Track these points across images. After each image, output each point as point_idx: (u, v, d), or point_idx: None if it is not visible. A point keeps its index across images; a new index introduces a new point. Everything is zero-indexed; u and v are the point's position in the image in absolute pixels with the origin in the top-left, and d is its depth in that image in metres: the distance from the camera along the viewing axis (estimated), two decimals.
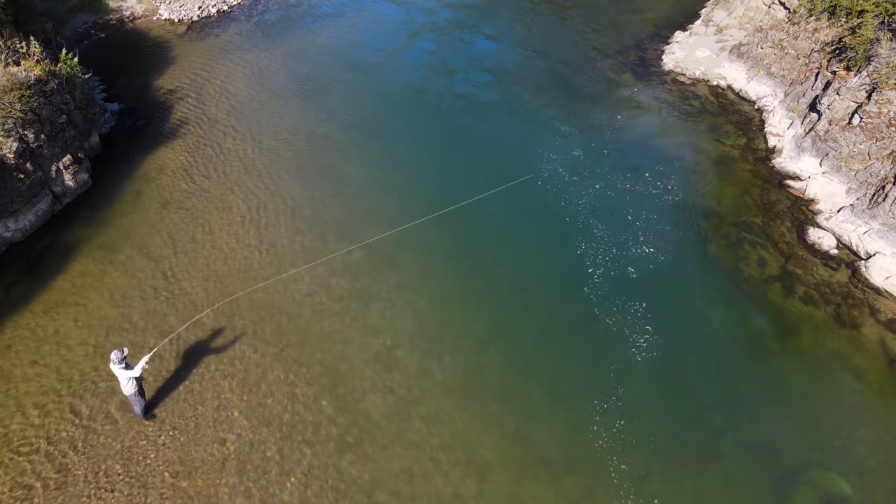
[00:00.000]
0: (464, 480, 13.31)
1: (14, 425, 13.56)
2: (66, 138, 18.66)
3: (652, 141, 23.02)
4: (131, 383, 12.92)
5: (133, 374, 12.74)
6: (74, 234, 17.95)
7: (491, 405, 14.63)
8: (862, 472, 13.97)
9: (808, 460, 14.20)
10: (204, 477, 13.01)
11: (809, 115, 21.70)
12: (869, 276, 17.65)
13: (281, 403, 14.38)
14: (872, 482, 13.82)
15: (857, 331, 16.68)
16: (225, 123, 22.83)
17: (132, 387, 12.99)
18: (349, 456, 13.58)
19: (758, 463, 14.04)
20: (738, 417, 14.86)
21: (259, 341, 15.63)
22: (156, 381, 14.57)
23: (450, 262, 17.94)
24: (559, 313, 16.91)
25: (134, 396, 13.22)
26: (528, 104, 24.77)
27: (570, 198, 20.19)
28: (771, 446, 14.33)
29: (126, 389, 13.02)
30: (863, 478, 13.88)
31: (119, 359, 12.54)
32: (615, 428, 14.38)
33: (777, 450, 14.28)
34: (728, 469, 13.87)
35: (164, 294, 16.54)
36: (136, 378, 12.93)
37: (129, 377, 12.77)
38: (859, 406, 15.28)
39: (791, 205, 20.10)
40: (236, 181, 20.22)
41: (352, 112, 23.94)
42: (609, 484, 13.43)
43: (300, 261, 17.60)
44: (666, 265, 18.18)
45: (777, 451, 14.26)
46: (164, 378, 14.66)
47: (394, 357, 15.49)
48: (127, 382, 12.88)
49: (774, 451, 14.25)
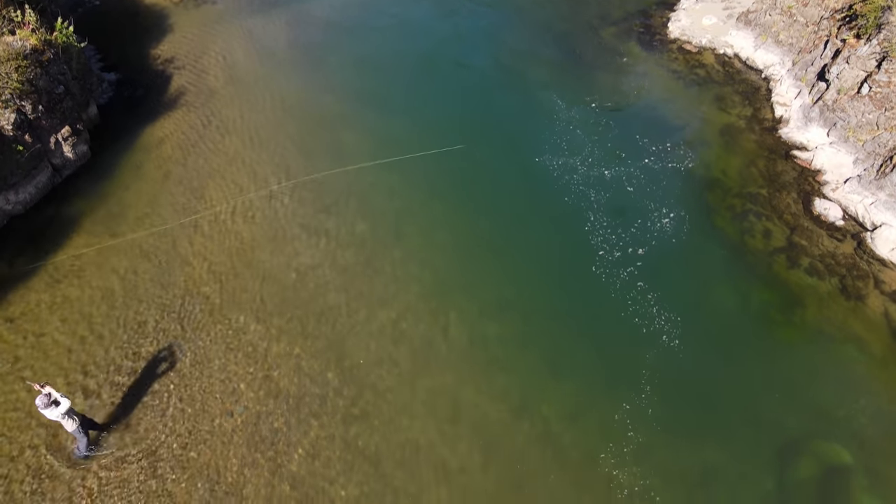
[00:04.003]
0: (469, 453, 13.44)
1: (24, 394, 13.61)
2: (64, 109, 18.40)
3: (656, 111, 22.73)
4: (68, 420, 11.99)
5: (63, 410, 11.72)
6: (76, 207, 17.82)
7: (496, 378, 14.70)
8: (863, 443, 14.11)
9: (811, 431, 14.34)
10: (213, 448, 13.12)
11: (817, 85, 21.40)
12: (875, 247, 17.59)
13: (287, 376, 14.44)
14: (874, 452, 13.96)
15: (862, 302, 16.69)
16: (224, 94, 22.50)
17: (72, 424, 12.09)
18: (355, 428, 13.69)
19: (760, 434, 14.16)
20: (741, 389, 14.95)
21: (264, 314, 15.64)
22: (160, 354, 14.60)
23: (453, 235, 17.84)
24: (563, 286, 16.89)
25: (77, 432, 12.33)
26: (530, 72, 24.38)
27: (572, 169, 20.01)
28: (773, 418, 14.44)
29: (68, 427, 12.12)
30: (864, 448, 14.02)
31: (45, 403, 11.52)
32: (619, 400, 14.47)
33: (779, 421, 14.40)
34: (731, 440, 14.00)
35: (166, 267, 16.48)
36: (70, 413, 11.97)
37: (61, 413, 11.75)
38: (862, 377, 15.36)
39: (797, 176, 19.93)
40: (237, 153, 20.01)
41: (354, 81, 23.56)
42: (614, 453, 13.56)
43: (304, 232, 17.52)
44: (670, 237, 18.10)
45: (779, 423, 14.38)
46: (169, 350, 14.69)
47: (399, 329, 15.50)
48: (64, 420, 11.94)
49: (777, 423, 14.37)
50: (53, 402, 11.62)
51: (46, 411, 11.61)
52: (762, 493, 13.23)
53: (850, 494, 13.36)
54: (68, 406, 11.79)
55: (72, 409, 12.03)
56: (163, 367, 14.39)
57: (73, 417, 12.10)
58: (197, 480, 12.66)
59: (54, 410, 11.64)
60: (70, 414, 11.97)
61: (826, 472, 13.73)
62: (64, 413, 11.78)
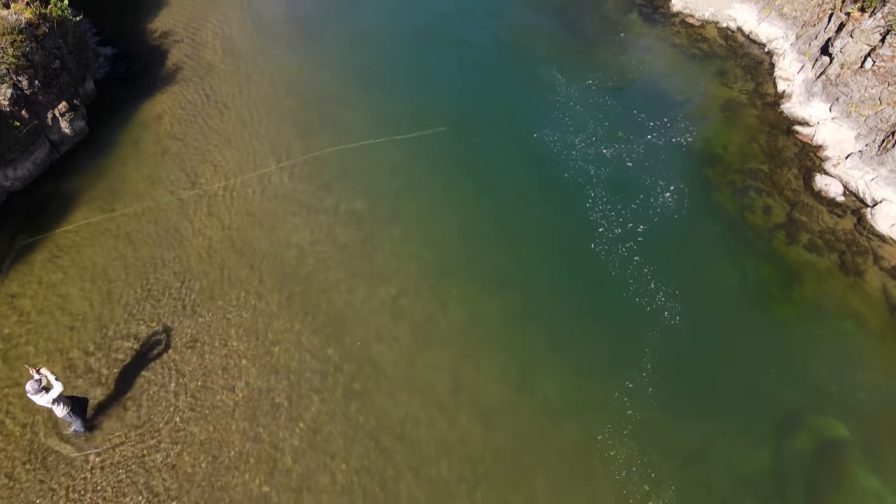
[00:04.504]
0: (468, 426, 13.58)
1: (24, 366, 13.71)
2: (60, 84, 18.21)
3: (658, 86, 22.54)
4: (59, 405, 11.95)
5: (54, 395, 11.65)
6: (74, 184, 17.74)
7: (496, 353, 14.79)
8: (860, 417, 14.28)
9: (808, 405, 14.50)
10: (215, 423, 13.26)
11: (821, 59, 21.19)
12: (874, 223, 17.58)
13: (288, 352, 14.52)
14: (870, 426, 14.14)
15: (860, 278, 16.74)
16: (222, 68, 22.26)
17: (62, 409, 12.04)
18: (356, 403, 13.82)
19: (758, 408, 14.32)
20: (739, 364, 15.08)
21: (264, 290, 15.67)
22: (161, 331, 14.67)
23: (453, 211, 17.80)
24: (562, 263, 16.91)
25: (69, 416, 12.29)
26: (531, 47, 24.11)
27: (572, 145, 19.91)
28: (771, 392, 14.59)
29: (58, 412, 12.07)
30: (860, 422, 14.19)
31: (35, 388, 11.43)
32: (618, 375, 14.60)
33: (777, 395, 14.55)
34: (729, 414, 14.16)
35: (166, 244, 16.47)
36: (62, 397, 11.92)
37: (52, 399, 11.68)
38: (859, 352, 15.49)
39: (798, 151, 19.84)
40: (235, 129, 19.86)
41: (353, 55, 23.29)
42: (611, 429, 13.72)
43: (303, 209, 17.49)
44: (670, 213, 18.07)
45: (777, 397, 14.53)
46: (171, 326, 14.76)
47: (399, 306, 15.56)
48: (54, 405, 11.88)
49: (774, 397, 14.52)
50: (44, 387, 11.51)
51: (36, 397, 11.53)
52: (759, 467, 13.41)
53: (845, 468, 13.55)
54: (59, 392, 11.67)
55: (62, 395, 11.90)
56: (164, 344, 14.45)
57: (64, 402, 12.00)
58: (200, 454, 12.81)
59: (44, 396, 11.55)
60: (60, 399, 11.87)
61: (822, 446, 13.91)
62: (54, 399, 11.68)
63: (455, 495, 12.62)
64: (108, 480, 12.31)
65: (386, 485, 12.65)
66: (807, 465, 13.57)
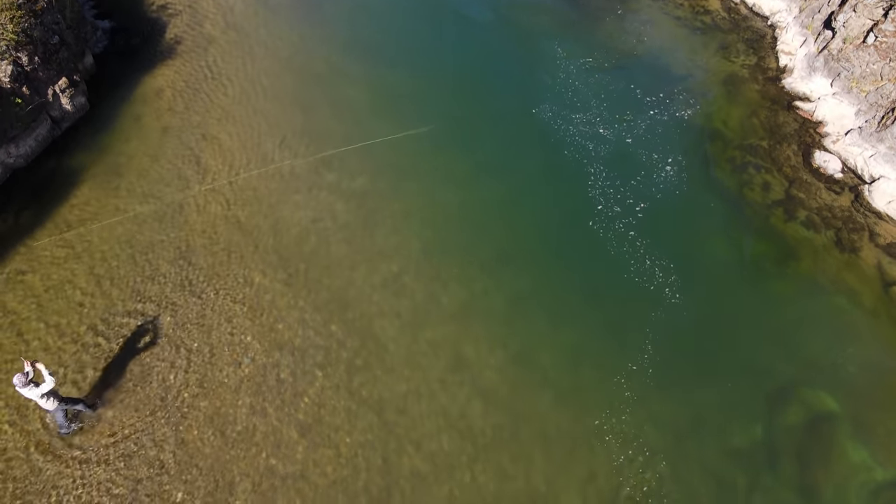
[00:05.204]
0: (469, 401, 13.95)
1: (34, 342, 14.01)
2: (60, 60, 18.17)
3: (660, 60, 22.45)
4: (49, 399, 11.84)
5: (44, 390, 11.60)
6: (77, 160, 17.82)
7: (496, 329, 15.09)
8: (850, 391, 14.66)
9: (799, 379, 14.87)
10: (222, 397, 13.61)
11: (823, 33, 21.07)
12: (871, 200, 17.74)
13: (292, 328, 14.82)
14: (858, 400, 14.53)
15: (856, 255, 16.97)
16: (222, 41, 22.12)
17: (51, 403, 11.92)
18: (359, 378, 14.15)
19: (751, 382, 14.69)
20: (734, 339, 15.41)
21: (267, 267, 15.90)
22: (167, 308, 14.93)
23: (453, 188, 17.93)
24: (562, 240, 17.12)
25: (56, 411, 12.23)
26: (531, 21, 23.93)
27: (572, 121, 19.93)
28: (765, 366, 14.94)
29: (47, 406, 11.95)
30: (850, 396, 14.57)
31: (23, 382, 11.28)
32: (615, 350, 14.93)
33: (770, 369, 14.91)
34: (723, 388, 14.53)
35: (170, 222, 16.64)
36: (50, 394, 11.82)
37: (42, 394, 11.63)
38: (852, 328, 15.80)
39: (798, 127, 19.89)
40: (237, 103, 19.85)
41: (354, 27, 23.15)
42: (608, 401, 14.09)
43: (304, 186, 17.62)
44: (669, 190, 18.21)
45: (770, 371, 14.89)
46: (177, 303, 15.01)
47: (400, 283, 15.81)
48: (42, 400, 11.79)
49: (768, 371, 14.88)
50: (32, 381, 11.45)
51: (24, 390, 11.44)
52: (751, 439, 13.83)
53: (834, 441, 13.95)
54: (51, 387, 11.65)
55: (54, 391, 11.87)
56: (170, 321, 14.73)
57: (55, 398, 11.96)
58: (208, 428, 13.18)
59: (33, 390, 11.48)
60: (51, 395, 11.82)
61: (813, 419, 14.30)
62: (44, 394, 11.64)
63: (455, 467, 13.03)
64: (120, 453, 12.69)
65: (389, 458, 13.05)
66: (798, 438, 13.98)
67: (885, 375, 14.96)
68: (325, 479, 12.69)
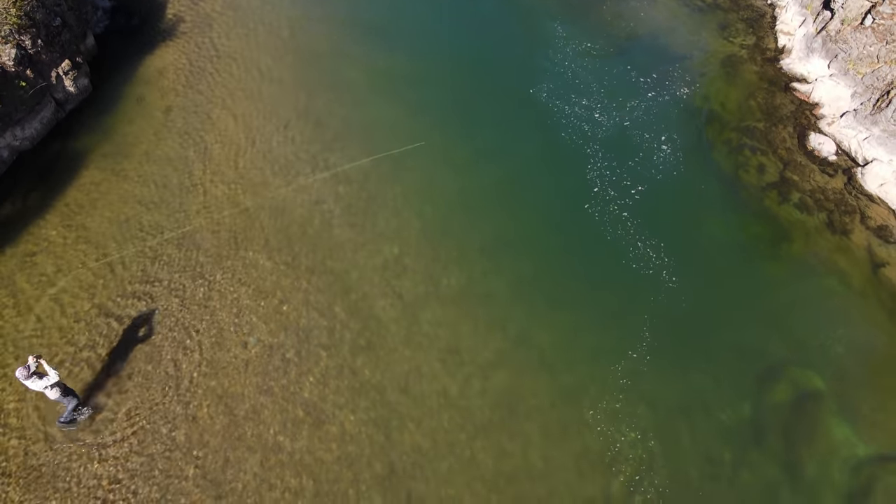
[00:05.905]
0: (468, 380, 14.44)
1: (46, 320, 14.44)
2: (62, 42, 18.28)
3: (659, 40, 22.52)
4: (53, 390, 12.25)
5: (49, 382, 11.99)
6: (82, 142, 18.05)
7: (495, 311, 15.53)
8: (837, 370, 15.17)
9: (788, 359, 15.36)
10: (230, 377, 14.09)
11: (822, 14, 21.12)
12: (864, 182, 18.04)
13: (296, 309, 15.24)
14: (845, 379, 15.04)
15: (847, 237, 17.33)
16: (222, 21, 22.15)
17: (55, 393, 12.33)
18: (362, 357, 14.63)
19: (742, 361, 15.18)
20: (726, 319, 15.86)
21: (271, 250, 16.26)
22: (174, 290, 15.33)
23: (454, 172, 18.21)
24: (559, 223, 17.45)
25: (61, 398, 12.60)
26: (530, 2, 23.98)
27: (571, 102, 20.10)
28: (755, 346, 15.42)
29: (52, 395, 12.37)
30: (837, 375, 15.09)
31: (26, 374, 11.67)
32: (610, 332, 15.38)
33: (760, 349, 15.39)
34: (714, 367, 15.02)
35: (175, 204, 16.93)
36: (56, 384, 12.22)
37: (46, 386, 12.02)
38: (841, 309, 16.25)
39: (795, 109, 20.08)
40: (238, 84, 19.99)
41: (355, 7, 23.15)
42: (604, 381, 14.60)
43: (307, 169, 17.89)
44: (666, 172, 18.49)
45: (760, 351, 15.37)
46: (183, 286, 15.41)
47: (402, 265, 16.19)
48: (47, 390, 12.17)
49: (758, 351, 15.37)
50: (35, 373, 11.80)
51: (28, 382, 11.83)
52: (739, 417, 14.35)
53: (819, 418, 14.49)
54: (54, 381, 12.06)
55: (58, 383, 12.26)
56: (177, 303, 15.14)
57: (58, 387, 12.32)
58: (217, 406, 13.69)
59: (37, 382, 11.87)
60: (55, 385, 12.21)
61: (799, 397, 14.82)
62: (47, 386, 12.04)
63: (455, 444, 13.57)
64: (133, 430, 13.21)
65: (391, 434, 13.58)
66: (784, 416, 14.51)
67: (871, 355, 15.45)
68: (330, 454, 13.23)
